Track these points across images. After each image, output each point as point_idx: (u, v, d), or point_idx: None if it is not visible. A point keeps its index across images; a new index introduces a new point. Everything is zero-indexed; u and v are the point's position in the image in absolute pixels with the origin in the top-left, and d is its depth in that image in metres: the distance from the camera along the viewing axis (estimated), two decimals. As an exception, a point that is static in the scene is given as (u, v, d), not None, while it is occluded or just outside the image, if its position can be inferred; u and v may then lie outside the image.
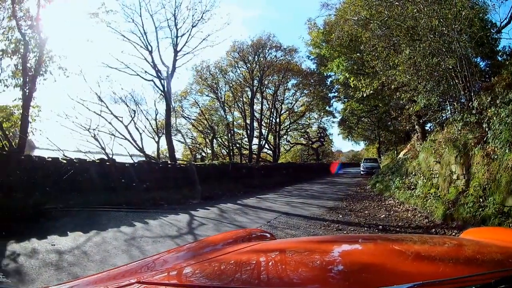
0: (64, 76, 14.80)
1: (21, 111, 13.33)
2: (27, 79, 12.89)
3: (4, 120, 13.85)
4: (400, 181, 13.55)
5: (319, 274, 1.48)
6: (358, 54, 17.27)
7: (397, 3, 10.80)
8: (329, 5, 20.38)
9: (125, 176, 12.41)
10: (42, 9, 13.29)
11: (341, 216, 9.82)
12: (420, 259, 1.71)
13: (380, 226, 8.36)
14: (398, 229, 8.24)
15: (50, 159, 10.50)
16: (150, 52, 21.47)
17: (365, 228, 8.24)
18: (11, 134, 14.23)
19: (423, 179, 11.24)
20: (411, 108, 14.21)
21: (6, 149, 12.42)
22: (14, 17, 12.94)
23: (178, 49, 22.17)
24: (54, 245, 5.94)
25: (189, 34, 22.50)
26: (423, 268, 1.50)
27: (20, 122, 13.28)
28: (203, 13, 22.54)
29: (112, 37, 41.10)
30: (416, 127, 17.97)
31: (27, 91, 12.85)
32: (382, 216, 9.77)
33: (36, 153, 15.32)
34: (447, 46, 9.30)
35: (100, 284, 1.48)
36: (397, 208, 10.97)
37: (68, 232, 6.83)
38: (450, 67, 9.31)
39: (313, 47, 27.62)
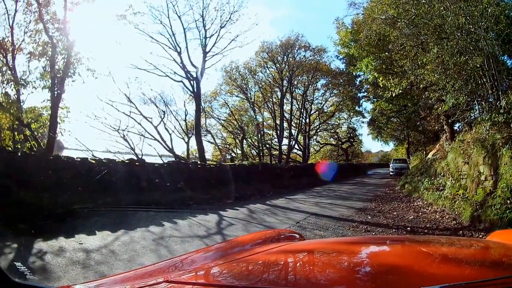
0: (92, 78, 15.06)
1: (49, 112, 13.72)
2: (56, 81, 13.20)
3: (33, 121, 14.23)
4: (429, 182, 13.30)
5: (347, 276, 1.49)
6: (386, 53, 17.04)
7: (424, 0, 10.65)
8: (356, 4, 20.13)
9: (155, 176, 12.51)
10: (69, 12, 13.60)
11: (369, 217, 9.78)
12: (446, 261, 1.71)
13: (409, 228, 8.29)
14: (426, 230, 8.12)
15: (79, 159, 10.70)
16: (179, 53, 21.89)
17: (394, 230, 8.19)
18: (39, 134, 14.66)
19: (451, 180, 11.02)
20: (440, 108, 13.93)
21: (35, 149, 12.83)
22: (41, 20, 13.30)
23: (207, 50, 22.50)
24: (81, 243, 5.99)
25: (218, 35, 22.84)
26: (449, 270, 1.50)
27: (48, 123, 13.64)
28: (231, 14, 22.85)
29: (140, 38, 41.88)
30: (445, 127, 17.57)
31: (56, 92, 13.17)
32: (410, 218, 9.66)
33: (65, 153, 15.68)
34: (474, 44, 9.10)
35: (127, 283, 1.50)
36: (425, 210, 10.80)
37: (96, 231, 6.89)
38: (478, 65, 9.10)
39: (342, 46, 27.49)
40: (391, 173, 33.38)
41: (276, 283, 1.44)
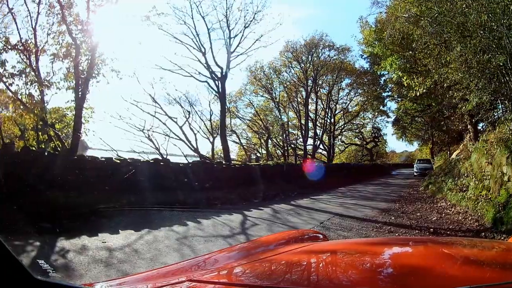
0: (117, 78, 15.07)
1: (74, 112, 13.88)
2: (80, 82, 13.30)
3: (57, 121, 14.52)
4: (452, 183, 13.08)
5: (369, 276, 1.48)
6: (410, 52, 16.84)
7: (446, -2, 10.52)
8: (379, 2, 19.99)
9: (179, 176, 12.67)
10: (92, 14, 13.65)
11: (393, 218, 9.71)
12: (468, 263, 1.70)
13: (432, 229, 8.18)
14: (448, 232, 8.02)
15: (103, 159, 10.92)
16: (204, 54, 21.95)
17: (417, 231, 8.08)
18: (63, 135, 14.93)
19: (474, 180, 10.81)
20: (464, 107, 13.69)
21: (59, 149, 13.10)
22: (64, 21, 13.40)
23: (232, 50, 22.48)
24: (104, 242, 6.07)
25: (242, 35, 22.83)
26: (471, 272, 1.49)
27: (73, 123, 13.77)
28: (255, 13, 22.81)
29: (165, 39, 42.21)
30: (469, 126, 17.32)
31: (80, 93, 13.29)
32: (433, 219, 9.56)
33: (89, 153, 16.01)
34: (496, 42, 8.94)
35: (149, 282, 1.50)
36: (448, 211, 10.64)
37: (119, 230, 6.96)
38: (501, 64, 8.94)
39: (366, 45, 27.22)
40: (415, 174, 32.80)
41: (299, 283, 1.44)
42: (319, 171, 23.49)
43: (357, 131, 45.77)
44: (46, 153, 10.22)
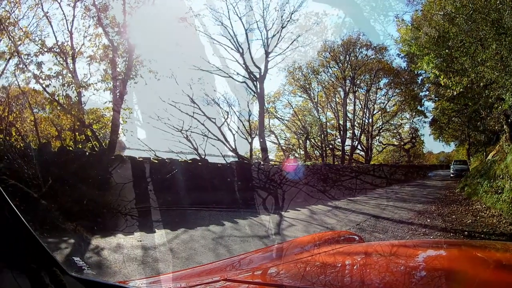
0: (155, 79, 15.37)
1: (111, 113, 14.21)
2: (117, 83, 13.58)
3: (94, 122, 14.84)
4: (488, 185, 12.66)
5: (403, 279, 1.48)
6: (446, 51, 16.47)
7: (480, -6, 10.26)
8: (415, 0, 19.59)
9: (217, 176, 12.79)
10: (128, 16, 13.88)
11: (428, 220, 9.58)
12: (500, 267, 1.68)
13: (466, 232, 8.07)
14: (482, 235, 7.88)
15: (141, 159, 11.15)
16: (241, 54, 22.24)
17: (451, 234, 7.99)
18: (101, 135, 15.28)
19: (510, 182, 10.45)
20: (500, 107, 13.27)
21: (96, 149, 13.43)
22: (100, 24, 13.74)
23: (269, 50, 22.75)
24: (140, 241, 6.28)
25: (279, 35, 22.99)
26: (502, 276, 1.48)
27: (110, 124, 14.17)
28: (291, 13, 22.84)
29: (202, 40, 42.59)
30: (505, 127, 16.68)
31: (117, 94, 13.57)
32: (468, 222, 9.35)
33: (127, 153, 16.21)
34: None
35: (183, 280, 1.52)
36: (483, 214, 10.37)
37: (155, 230, 7.18)
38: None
39: (403, 44, 26.71)
40: (451, 175, 31.57)
41: (333, 285, 1.45)
42: (356, 172, 23.29)
43: (394, 131, 44.85)
44: (87, 153, 10.47)
